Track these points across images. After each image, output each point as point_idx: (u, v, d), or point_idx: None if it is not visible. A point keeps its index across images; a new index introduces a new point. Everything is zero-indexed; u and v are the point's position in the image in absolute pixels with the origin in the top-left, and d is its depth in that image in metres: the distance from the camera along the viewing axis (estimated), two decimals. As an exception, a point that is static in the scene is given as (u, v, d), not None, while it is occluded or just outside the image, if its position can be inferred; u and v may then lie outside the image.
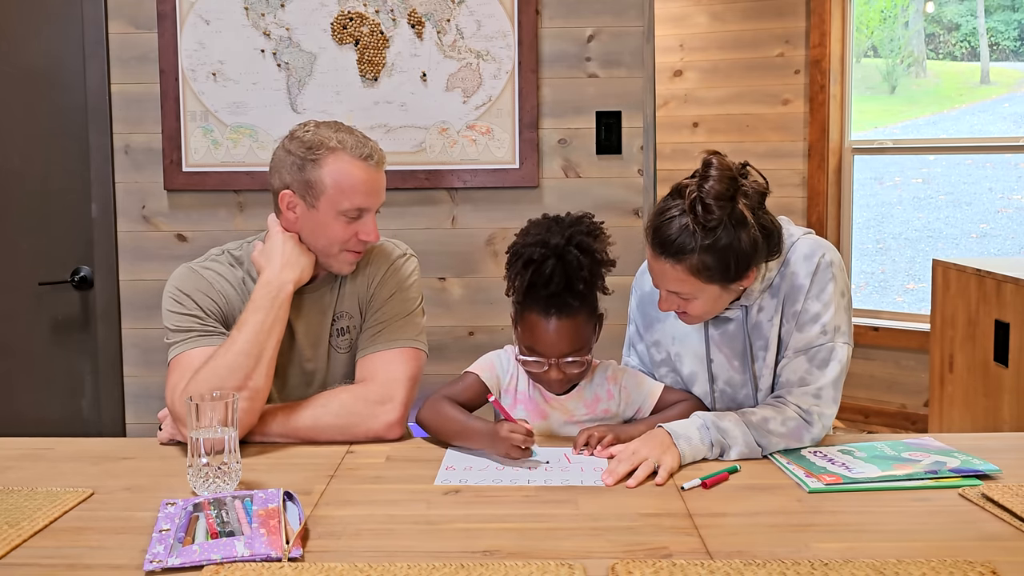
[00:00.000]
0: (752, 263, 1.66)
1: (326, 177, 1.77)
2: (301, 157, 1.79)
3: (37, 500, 1.43)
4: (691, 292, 1.66)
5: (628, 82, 2.72)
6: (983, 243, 6.91)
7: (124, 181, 2.77)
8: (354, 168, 1.78)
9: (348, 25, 2.70)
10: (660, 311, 1.79)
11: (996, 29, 7.79)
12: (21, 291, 2.80)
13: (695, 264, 1.62)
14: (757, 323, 1.76)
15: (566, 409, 1.82)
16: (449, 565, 1.19)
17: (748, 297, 1.74)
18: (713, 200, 1.60)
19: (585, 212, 1.78)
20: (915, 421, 4.31)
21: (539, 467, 1.60)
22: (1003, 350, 2.81)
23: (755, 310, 1.76)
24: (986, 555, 1.21)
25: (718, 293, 1.68)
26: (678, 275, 1.64)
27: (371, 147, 1.80)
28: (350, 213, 1.78)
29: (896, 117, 8.07)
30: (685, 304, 1.70)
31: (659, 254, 1.65)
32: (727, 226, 1.61)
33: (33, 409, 2.83)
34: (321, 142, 1.78)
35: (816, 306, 1.71)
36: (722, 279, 1.65)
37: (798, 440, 1.68)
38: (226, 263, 1.92)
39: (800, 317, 1.72)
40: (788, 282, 1.73)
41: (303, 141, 1.80)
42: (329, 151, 1.78)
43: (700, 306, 1.70)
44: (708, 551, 1.25)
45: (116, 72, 2.74)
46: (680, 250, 1.62)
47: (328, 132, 1.80)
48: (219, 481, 1.46)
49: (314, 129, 1.82)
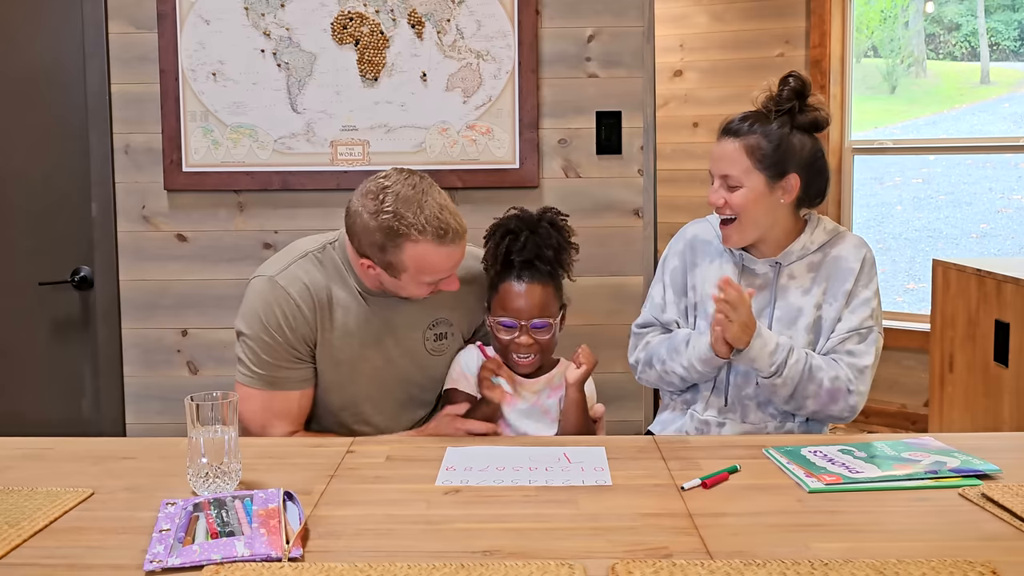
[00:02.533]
0: (794, 166, 1.90)
1: (407, 260, 1.82)
2: (380, 242, 1.80)
3: (37, 500, 1.43)
4: (741, 175, 1.90)
5: (628, 82, 2.72)
6: (983, 243, 6.91)
7: (124, 181, 2.77)
8: (434, 252, 1.81)
9: (348, 25, 2.70)
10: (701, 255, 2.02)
11: (996, 29, 7.79)
12: (21, 291, 2.80)
13: (751, 143, 1.90)
14: (785, 288, 1.95)
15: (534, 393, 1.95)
16: (449, 565, 1.19)
17: (785, 258, 1.95)
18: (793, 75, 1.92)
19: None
20: (915, 421, 4.31)
21: (539, 467, 1.61)
22: (1003, 350, 2.81)
23: (786, 275, 1.95)
24: (986, 555, 1.21)
25: (762, 188, 1.90)
26: (735, 152, 1.90)
27: (448, 223, 1.81)
28: (431, 282, 1.86)
29: (896, 117, 8.07)
30: (731, 196, 1.90)
31: (725, 134, 1.94)
32: (787, 122, 1.91)
33: (33, 409, 2.83)
34: (399, 230, 1.78)
35: (867, 293, 1.93)
36: (769, 168, 1.89)
37: (832, 401, 1.86)
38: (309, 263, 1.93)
39: (851, 300, 1.92)
40: (835, 264, 1.94)
41: (381, 224, 1.79)
42: (408, 240, 1.79)
43: (743, 198, 1.90)
44: (708, 551, 1.25)
45: (116, 72, 2.74)
46: (742, 129, 1.92)
47: (406, 213, 1.78)
48: (219, 481, 1.46)
49: (394, 207, 1.79)
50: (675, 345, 1.96)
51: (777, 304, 1.95)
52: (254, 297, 1.90)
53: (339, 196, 2.70)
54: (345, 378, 1.94)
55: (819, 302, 1.94)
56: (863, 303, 1.93)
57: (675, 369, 1.96)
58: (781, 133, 1.90)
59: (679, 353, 1.94)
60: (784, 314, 1.94)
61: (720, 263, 2.01)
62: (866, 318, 1.92)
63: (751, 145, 1.90)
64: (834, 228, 2.00)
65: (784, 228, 1.96)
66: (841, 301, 1.92)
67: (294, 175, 2.73)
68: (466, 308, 2.03)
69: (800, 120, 1.92)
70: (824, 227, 1.98)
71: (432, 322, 1.98)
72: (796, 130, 1.91)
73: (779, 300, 1.95)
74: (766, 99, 1.94)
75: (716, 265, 2.01)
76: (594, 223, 2.71)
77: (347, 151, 2.72)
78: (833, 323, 1.92)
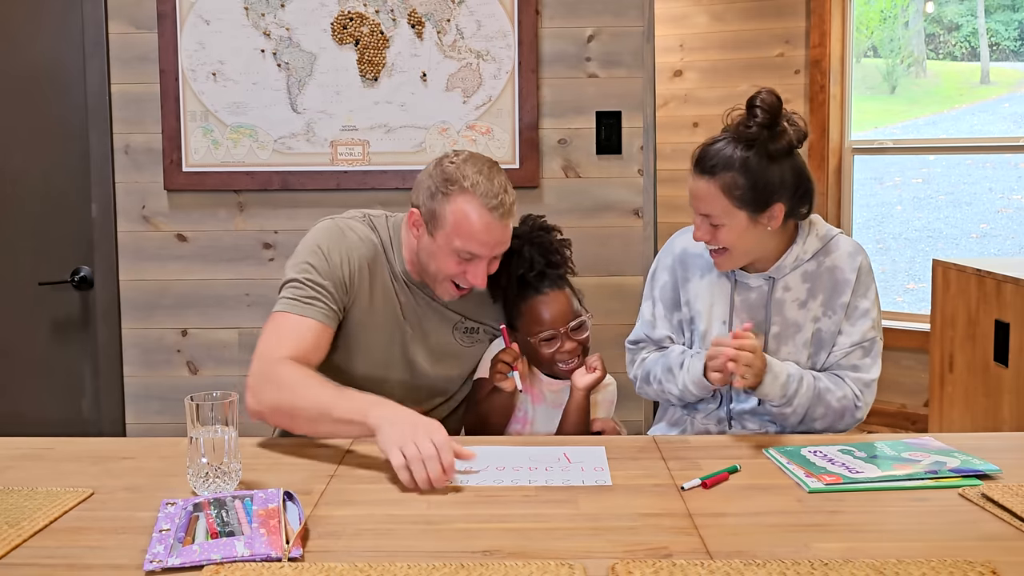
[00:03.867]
0: (777, 196, 1.80)
1: (449, 215, 1.82)
2: (436, 187, 1.84)
3: (37, 500, 1.43)
4: (721, 215, 1.81)
5: (628, 82, 2.72)
6: (983, 243, 6.91)
7: (124, 181, 2.77)
8: (478, 214, 1.82)
9: (348, 25, 2.70)
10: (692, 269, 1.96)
11: (996, 29, 7.79)
12: (21, 291, 2.80)
13: (727, 183, 1.79)
14: (780, 301, 1.89)
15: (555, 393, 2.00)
16: (449, 565, 1.19)
17: (778, 271, 1.88)
18: (759, 105, 1.77)
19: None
20: (915, 421, 4.31)
21: (539, 467, 1.61)
22: (1003, 350, 2.81)
23: (781, 288, 1.89)
24: (986, 555, 1.21)
25: (746, 224, 1.81)
26: (712, 193, 1.80)
27: (502, 198, 1.83)
28: (463, 253, 1.84)
29: (896, 117, 8.07)
30: (715, 233, 1.83)
31: (699, 172, 1.82)
32: (762, 151, 1.78)
33: (33, 409, 2.83)
34: (457, 179, 1.82)
35: (865, 303, 1.88)
36: (750, 205, 1.79)
37: (840, 419, 1.85)
38: (366, 225, 1.96)
39: (852, 313, 1.87)
40: (831, 275, 1.88)
41: (443, 171, 1.85)
42: (461, 191, 1.82)
43: (728, 234, 1.82)
44: (708, 551, 1.25)
45: (116, 72, 2.74)
46: (716, 166, 1.79)
47: (469, 170, 1.83)
48: (219, 481, 1.46)
49: (459, 162, 1.85)
50: (669, 365, 1.93)
51: (773, 320, 1.89)
52: (315, 231, 1.93)
53: (339, 196, 2.70)
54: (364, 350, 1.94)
55: (816, 316, 1.88)
56: (863, 315, 1.88)
57: (671, 390, 1.94)
58: (757, 167, 1.78)
59: (674, 375, 1.92)
60: (782, 330, 1.89)
61: (712, 277, 1.95)
62: (868, 330, 1.88)
63: (727, 185, 1.79)
64: (826, 232, 1.92)
65: (775, 246, 1.89)
66: (840, 314, 1.87)
67: (294, 175, 2.73)
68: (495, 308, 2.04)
69: (773, 149, 1.78)
70: (816, 233, 1.91)
71: (460, 319, 2.01)
72: (772, 159, 1.79)
73: (775, 316, 1.89)
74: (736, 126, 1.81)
75: (707, 280, 1.95)
76: (594, 223, 2.71)
77: (347, 151, 2.72)
78: (833, 336, 1.88)
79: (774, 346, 1.89)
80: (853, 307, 1.88)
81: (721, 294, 1.93)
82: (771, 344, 1.89)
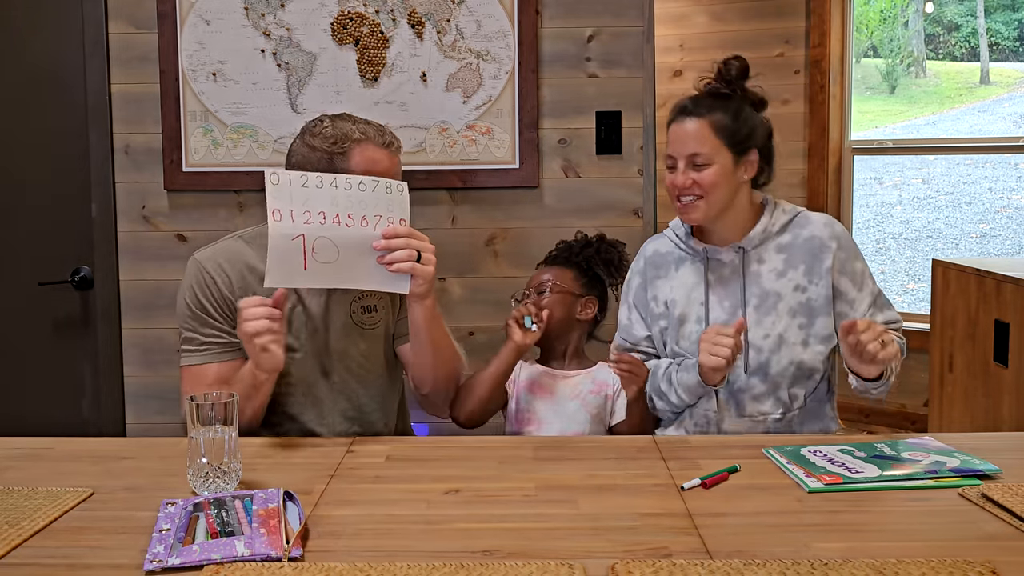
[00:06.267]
0: (756, 140, 1.94)
1: (355, 168, 1.85)
2: (328, 151, 1.86)
3: (37, 500, 1.43)
4: (710, 152, 1.89)
5: (628, 82, 2.72)
6: (983, 243, 6.91)
7: (124, 181, 2.77)
8: (380, 156, 1.87)
9: (348, 25, 2.70)
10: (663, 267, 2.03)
11: (996, 29, 7.80)
12: (21, 291, 2.80)
13: (716, 120, 1.90)
14: (756, 273, 1.96)
15: (573, 385, 2.06)
16: (449, 565, 1.19)
17: (748, 242, 1.95)
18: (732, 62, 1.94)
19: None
20: (915, 421, 4.30)
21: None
22: (1003, 350, 2.81)
23: (754, 260, 1.96)
24: (986, 555, 1.21)
25: (730, 166, 1.91)
26: (701, 130, 1.90)
27: (390, 134, 1.91)
28: None
29: (896, 117, 8.08)
30: (699, 175, 1.89)
31: (686, 115, 1.92)
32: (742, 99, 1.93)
33: (33, 409, 2.83)
34: (345, 135, 1.87)
35: (859, 264, 1.97)
36: (735, 145, 1.90)
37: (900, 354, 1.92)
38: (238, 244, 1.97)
39: (853, 278, 1.95)
40: (808, 244, 1.95)
41: (325, 136, 1.87)
42: (355, 143, 1.86)
43: (712, 175, 1.89)
44: (708, 551, 1.25)
45: (116, 72, 2.74)
46: (704, 107, 1.91)
47: (347, 125, 1.88)
48: (219, 481, 1.46)
49: (331, 123, 1.89)
50: (657, 386, 1.98)
51: (750, 291, 1.95)
52: (183, 277, 1.98)
53: (339, 196, 2.70)
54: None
55: (801, 284, 1.94)
56: (862, 275, 1.97)
57: (665, 407, 2.00)
58: (741, 109, 1.93)
59: (665, 393, 1.97)
60: (761, 301, 1.95)
61: (685, 267, 2.01)
62: (872, 286, 1.97)
63: (716, 122, 1.90)
64: (792, 208, 2.01)
65: (742, 208, 1.97)
66: (827, 279, 1.93)
67: (294, 175, 2.72)
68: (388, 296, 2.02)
69: (751, 96, 1.95)
70: (783, 208, 2.00)
71: (358, 295, 1.99)
72: (751, 106, 1.95)
73: (751, 287, 1.95)
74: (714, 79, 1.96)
75: (682, 272, 2.02)
76: (594, 223, 2.71)
77: (347, 151, 2.71)
78: (828, 301, 1.93)
79: (755, 316, 1.94)
80: (854, 271, 1.96)
81: (695, 276, 1.99)
82: (752, 315, 1.94)
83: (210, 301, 1.92)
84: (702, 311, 1.97)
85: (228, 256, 1.95)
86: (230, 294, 1.91)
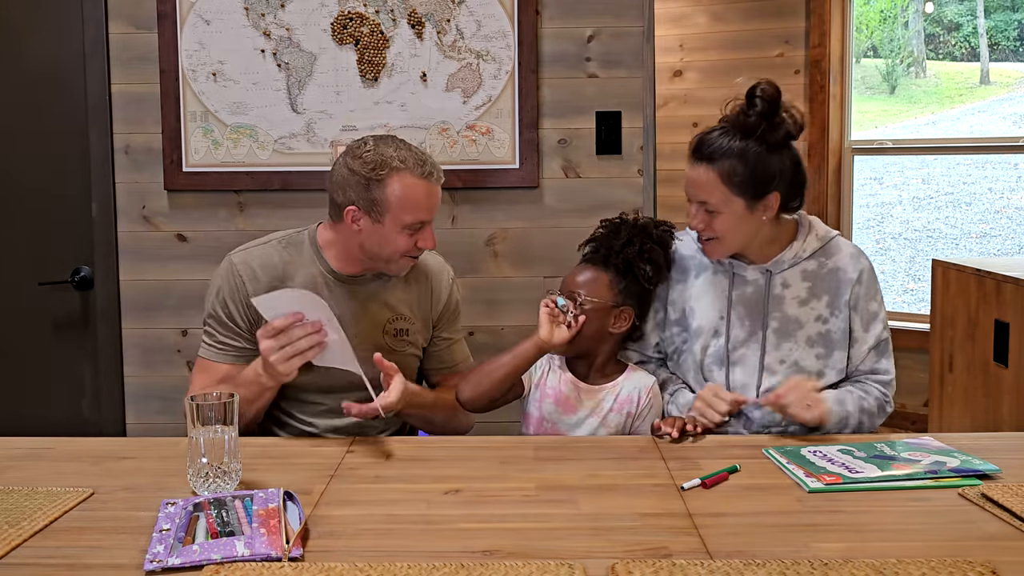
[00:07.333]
0: (774, 185, 1.82)
1: (391, 196, 1.86)
2: (366, 176, 1.86)
3: (37, 500, 1.43)
4: (719, 203, 1.81)
5: (628, 82, 2.72)
6: (983, 243, 6.91)
7: (124, 181, 2.77)
8: (417, 185, 1.87)
9: (348, 25, 2.70)
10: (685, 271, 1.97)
11: (996, 29, 7.80)
12: (21, 291, 2.80)
13: (726, 169, 1.80)
14: (779, 297, 1.90)
15: (596, 401, 1.93)
16: (449, 565, 1.19)
17: (776, 265, 1.90)
18: (759, 95, 1.79)
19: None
20: (915, 421, 4.30)
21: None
22: (1003, 350, 2.81)
23: (779, 283, 1.91)
24: (986, 555, 1.21)
25: (743, 212, 1.82)
26: (710, 179, 1.81)
27: (430, 164, 1.89)
28: (413, 226, 1.88)
29: (896, 117, 8.08)
30: (711, 221, 1.83)
31: (697, 160, 1.83)
32: (761, 141, 1.80)
33: (33, 409, 2.83)
34: (384, 162, 1.86)
35: (874, 306, 1.92)
36: (748, 193, 1.81)
37: (873, 421, 1.91)
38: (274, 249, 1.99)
39: (864, 317, 1.91)
40: (834, 276, 1.90)
41: (365, 161, 1.87)
42: (393, 171, 1.86)
43: (724, 222, 1.83)
44: (708, 551, 1.26)
45: (116, 72, 2.74)
46: (715, 153, 1.81)
47: (389, 150, 1.88)
48: (219, 481, 1.46)
49: (374, 147, 1.88)
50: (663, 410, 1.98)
51: (772, 315, 1.90)
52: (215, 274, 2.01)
53: (339, 196, 2.70)
54: None
55: (823, 315, 1.89)
56: (874, 318, 1.92)
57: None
58: (756, 155, 1.80)
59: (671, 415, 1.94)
60: (781, 326, 1.90)
61: (707, 277, 1.95)
62: (881, 332, 1.93)
63: (726, 171, 1.80)
64: (825, 233, 1.94)
65: (768, 236, 1.90)
66: (845, 312, 1.89)
67: (294, 175, 2.73)
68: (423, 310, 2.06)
69: (772, 138, 1.80)
70: (816, 233, 1.93)
71: (392, 317, 2.01)
72: (770, 148, 1.81)
73: (774, 311, 1.90)
74: (736, 115, 1.83)
75: (703, 281, 1.96)
76: (594, 223, 2.70)
77: (347, 151, 2.71)
78: (845, 335, 1.90)
79: (774, 340, 1.90)
80: (866, 310, 1.91)
81: (718, 289, 1.94)
82: (771, 339, 1.90)
83: (237, 308, 1.94)
84: (722, 326, 1.92)
85: (263, 262, 1.96)
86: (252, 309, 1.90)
